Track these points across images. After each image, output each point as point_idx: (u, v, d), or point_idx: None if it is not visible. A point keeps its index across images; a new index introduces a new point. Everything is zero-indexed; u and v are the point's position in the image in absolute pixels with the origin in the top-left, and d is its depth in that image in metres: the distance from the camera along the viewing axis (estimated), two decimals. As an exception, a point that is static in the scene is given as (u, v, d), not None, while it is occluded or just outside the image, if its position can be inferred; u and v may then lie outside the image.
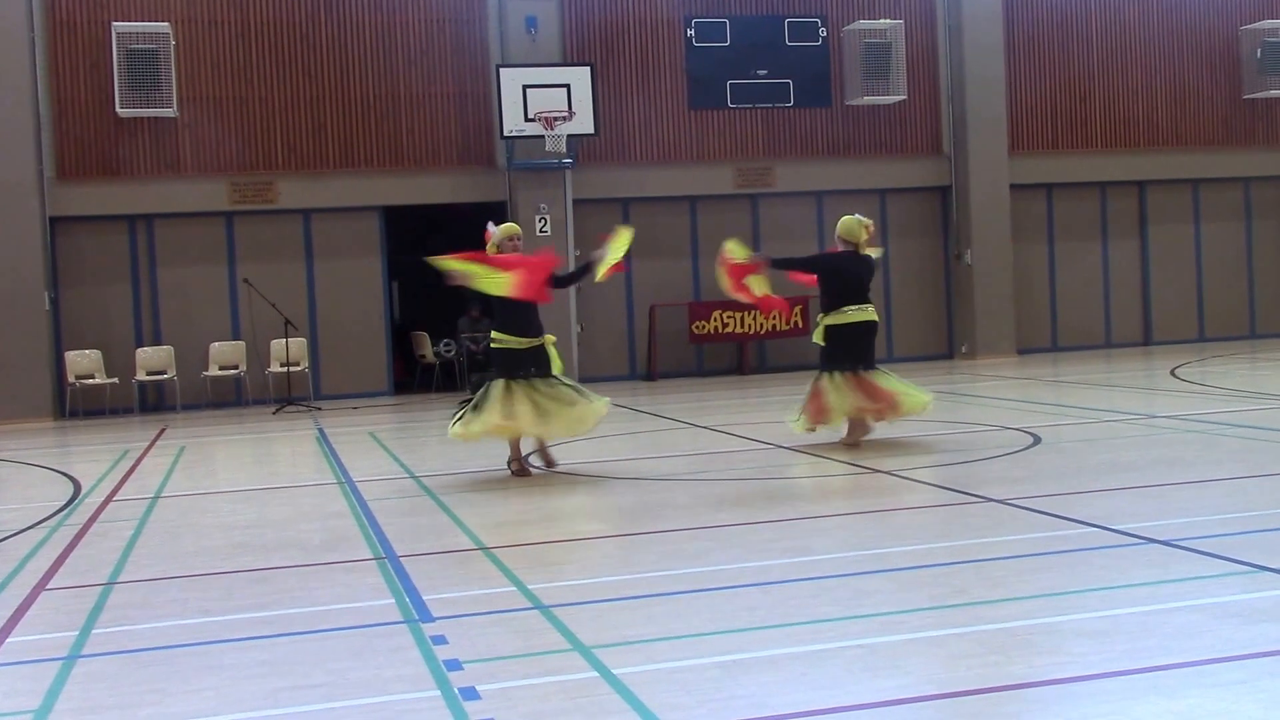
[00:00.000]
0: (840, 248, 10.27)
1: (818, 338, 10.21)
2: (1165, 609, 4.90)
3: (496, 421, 9.14)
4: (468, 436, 9.41)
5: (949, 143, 19.83)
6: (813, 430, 10.14)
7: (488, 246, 9.54)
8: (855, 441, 10.06)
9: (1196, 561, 5.69)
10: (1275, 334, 21.31)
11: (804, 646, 4.63)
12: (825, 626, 4.89)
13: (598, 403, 9.43)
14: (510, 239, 9.58)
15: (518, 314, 9.35)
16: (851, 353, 10.02)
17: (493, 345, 9.49)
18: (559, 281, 9.82)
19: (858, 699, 4.05)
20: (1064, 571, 5.67)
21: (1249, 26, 20.71)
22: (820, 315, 10.23)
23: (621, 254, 9.57)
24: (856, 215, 10.41)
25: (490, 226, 9.70)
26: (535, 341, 9.39)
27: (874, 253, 10.41)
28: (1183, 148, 20.73)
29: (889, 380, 10.11)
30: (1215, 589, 5.19)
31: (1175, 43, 20.72)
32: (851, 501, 8.19)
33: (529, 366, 9.32)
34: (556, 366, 9.48)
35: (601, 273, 9.61)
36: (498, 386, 9.29)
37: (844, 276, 10.15)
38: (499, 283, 9.27)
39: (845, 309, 10.06)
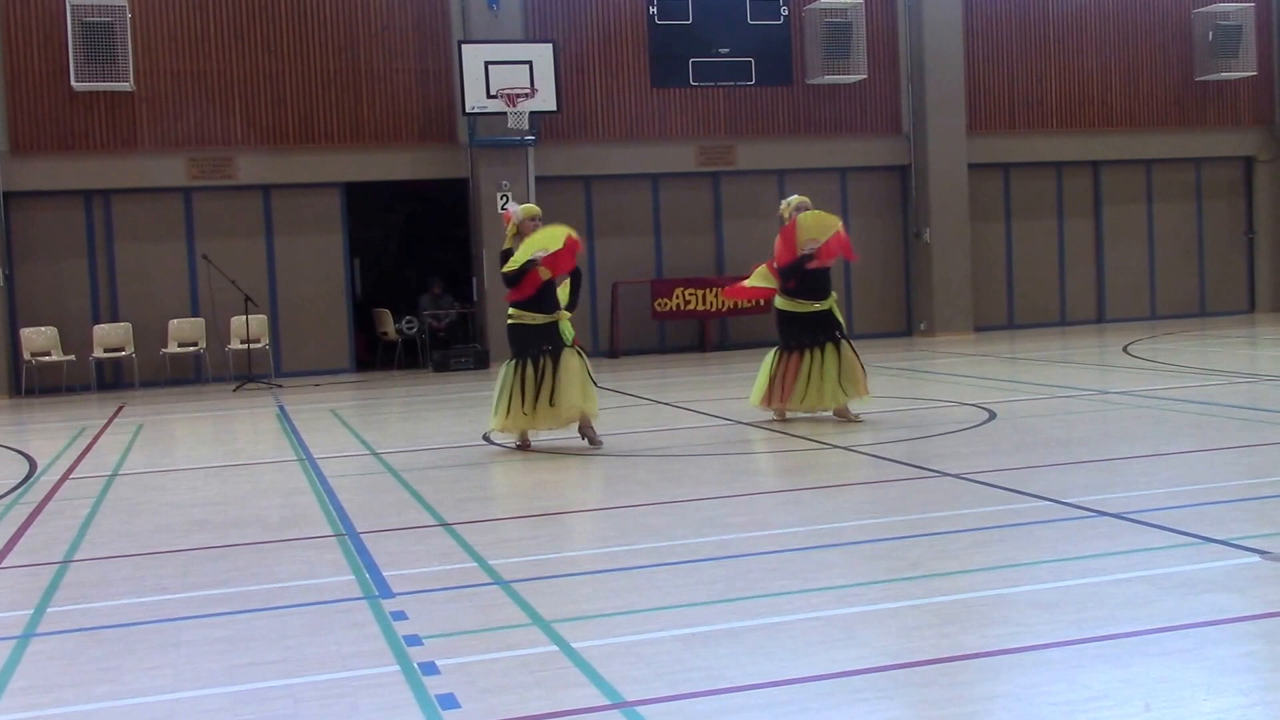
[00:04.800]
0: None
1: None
2: (1114, 580, 5.00)
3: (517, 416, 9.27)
4: (506, 429, 9.47)
5: (908, 122, 19.93)
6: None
7: (508, 227, 9.52)
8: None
9: (1145, 533, 5.80)
10: (1225, 312, 21.64)
11: (762, 619, 4.69)
12: (783, 599, 4.96)
13: (589, 405, 9.46)
14: (532, 219, 9.50)
15: (541, 290, 9.36)
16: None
17: (509, 323, 9.45)
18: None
19: (814, 670, 4.11)
20: (1016, 544, 5.76)
21: (1201, 10, 20.92)
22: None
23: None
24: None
25: (511, 207, 9.61)
26: (551, 318, 9.41)
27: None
28: (1136, 129, 20.95)
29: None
30: (1163, 560, 5.29)
31: (1129, 25, 20.91)
32: (809, 476, 8.27)
33: (543, 344, 9.32)
34: (568, 336, 9.49)
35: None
36: (512, 375, 9.31)
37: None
38: (554, 235, 9.31)
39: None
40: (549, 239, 9.35)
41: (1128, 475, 7.36)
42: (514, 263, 9.26)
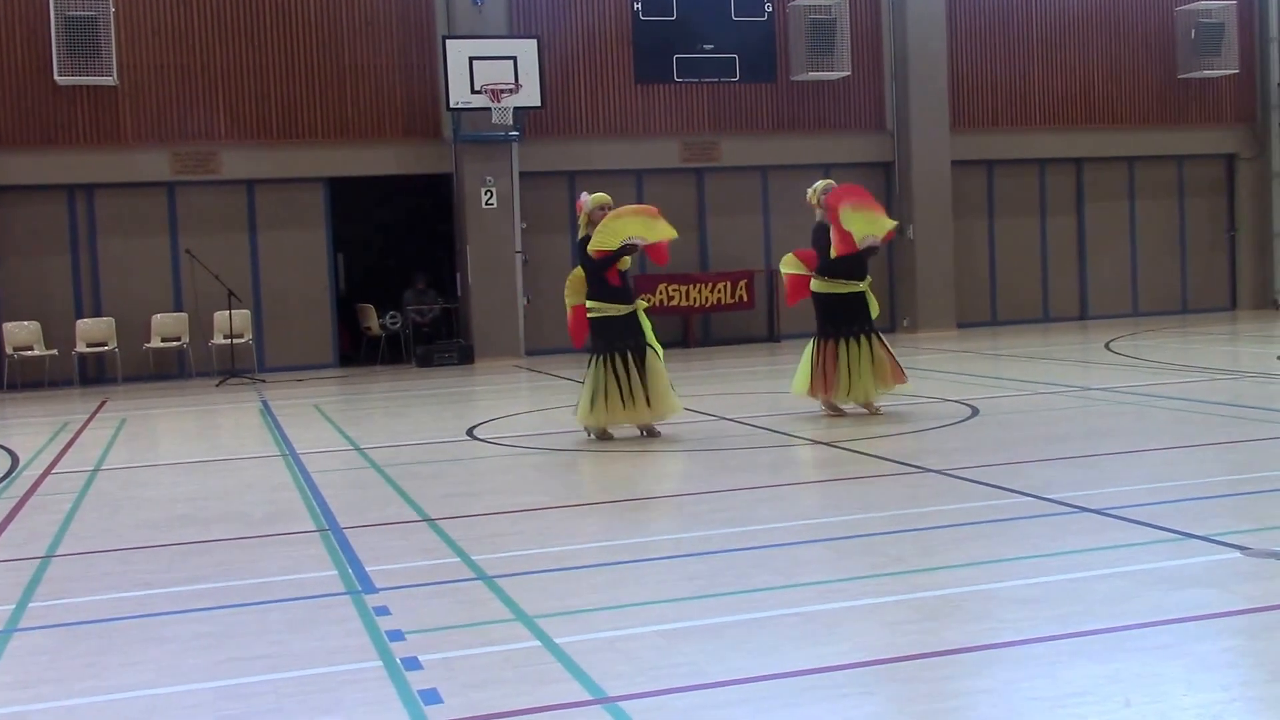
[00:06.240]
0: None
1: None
2: (1095, 575, 5.03)
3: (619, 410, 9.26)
4: (600, 423, 9.42)
5: (892, 119, 19.96)
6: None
7: (580, 216, 9.51)
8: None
9: (1127, 529, 5.83)
10: (1206, 309, 21.75)
11: (743, 615, 4.70)
12: (764, 595, 4.97)
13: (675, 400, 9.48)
14: (602, 208, 9.48)
15: (614, 280, 9.35)
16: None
17: (593, 317, 9.39)
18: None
19: (796, 666, 4.12)
20: (998, 540, 5.79)
21: (1184, 8, 21.01)
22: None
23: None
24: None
25: (583, 196, 9.61)
26: (631, 307, 9.41)
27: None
28: (1119, 126, 21.03)
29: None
30: (1144, 556, 5.32)
31: (1112, 23, 20.97)
32: (792, 472, 8.29)
33: (628, 336, 9.31)
34: (649, 332, 9.49)
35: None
36: (604, 370, 9.27)
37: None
38: (665, 228, 9.33)
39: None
40: (645, 229, 9.30)
41: (1110, 471, 7.40)
42: (603, 244, 9.17)
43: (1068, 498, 6.54)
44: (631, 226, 9.30)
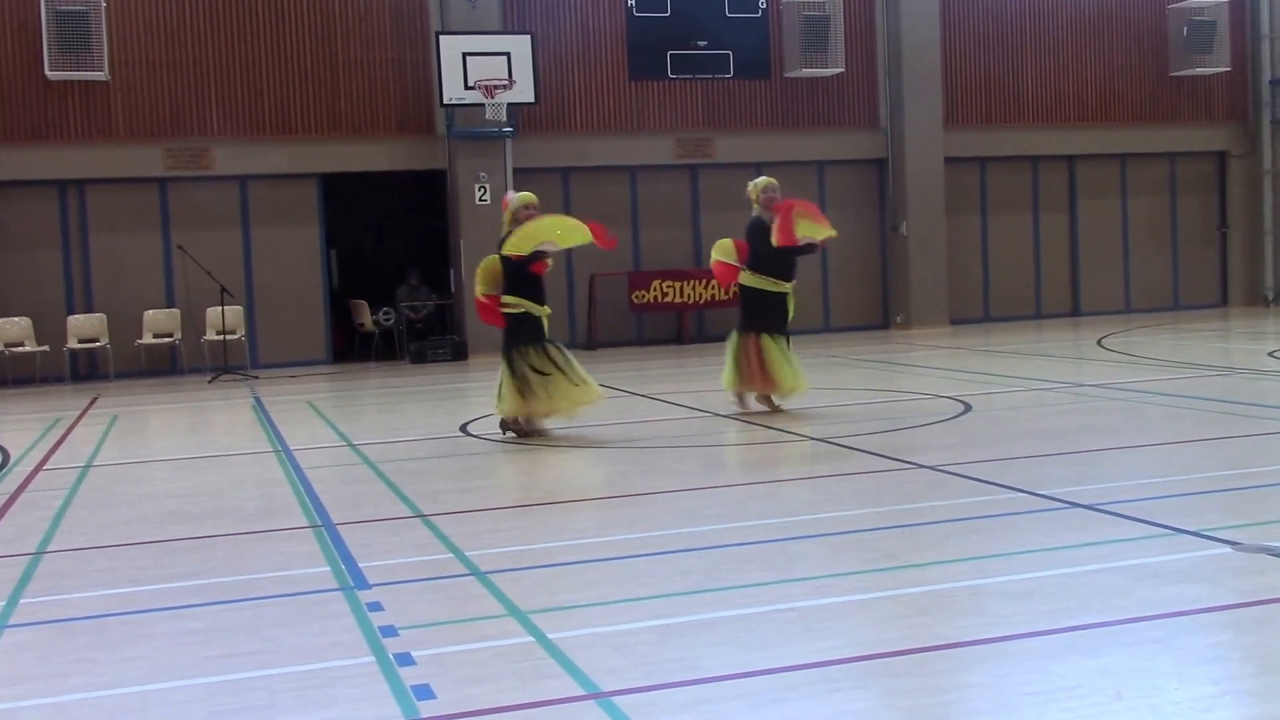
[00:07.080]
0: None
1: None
2: (1087, 570, 5.04)
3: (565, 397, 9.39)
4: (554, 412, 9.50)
5: (886, 116, 19.97)
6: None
7: (505, 214, 9.56)
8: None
9: (1118, 525, 5.85)
10: (1197, 305, 21.80)
11: (737, 610, 4.71)
12: (758, 590, 4.98)
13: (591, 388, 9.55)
14: (526, 207, 9.54)
15: (537, 282, 9.46)
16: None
17: (515, 312, 9.43)
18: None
19: (790, 661, 4.13)
20: (991, 535, 5.80)
21: (1176, 5, 21.05)
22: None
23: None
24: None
25: (510, 194, 9.67)
26: (546, 310, 9.59)
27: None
28: (1111, 123, 21.06)
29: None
30: (1135, 551, 5.34)
31: (1105, 20, 21.01)
32: (785, 468, 8.29)
33: (542, 333, 9.52)
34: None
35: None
36: (539, 358, 9.36)
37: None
38: (580, 233, 9.37)
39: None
40: (562, 234, 9.33)
41: (1101, 467, 7.42)
42: (516, 248, 9.21)
43: (1059, 493, 6.56)
44: (545, 232, 9.34)
